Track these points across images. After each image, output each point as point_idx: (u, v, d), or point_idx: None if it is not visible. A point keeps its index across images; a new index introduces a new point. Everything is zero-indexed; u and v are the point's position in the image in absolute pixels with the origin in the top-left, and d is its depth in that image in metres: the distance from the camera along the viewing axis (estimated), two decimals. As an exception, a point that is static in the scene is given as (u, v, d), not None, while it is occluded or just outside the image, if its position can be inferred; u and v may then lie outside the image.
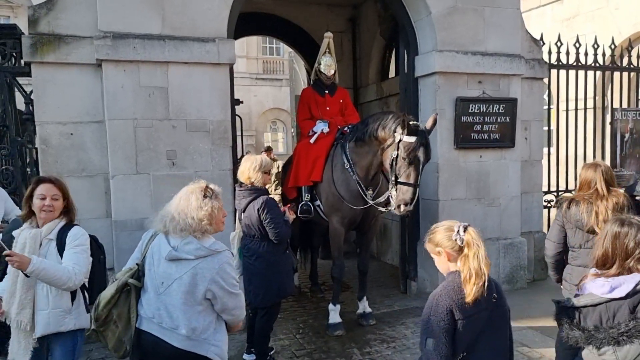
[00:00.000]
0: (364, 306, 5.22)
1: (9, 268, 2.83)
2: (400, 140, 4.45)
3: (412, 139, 4.40)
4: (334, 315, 5.01)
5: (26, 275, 2.72)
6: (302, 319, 5.39)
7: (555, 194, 7.01)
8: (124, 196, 4.70)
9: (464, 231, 2.25)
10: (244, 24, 6.35)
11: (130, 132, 4.72)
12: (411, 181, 4.45)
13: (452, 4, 5.74)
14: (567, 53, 6.83)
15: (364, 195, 4.90)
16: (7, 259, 2.65)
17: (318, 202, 5.29)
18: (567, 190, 7.08)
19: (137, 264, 2.64)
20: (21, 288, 2.82)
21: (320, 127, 5.55)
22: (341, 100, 5.92)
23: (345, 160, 4.96)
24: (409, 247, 6.17)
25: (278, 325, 5.17)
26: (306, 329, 5.09)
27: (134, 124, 4.73)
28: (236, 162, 5.30)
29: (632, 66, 7.38)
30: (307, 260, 6.69)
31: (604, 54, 7.11)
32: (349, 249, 6.31)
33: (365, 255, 5.31)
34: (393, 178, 4.52)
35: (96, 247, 3.14)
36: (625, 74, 7.44)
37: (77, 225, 3.01)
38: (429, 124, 4.58)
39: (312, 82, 6.24)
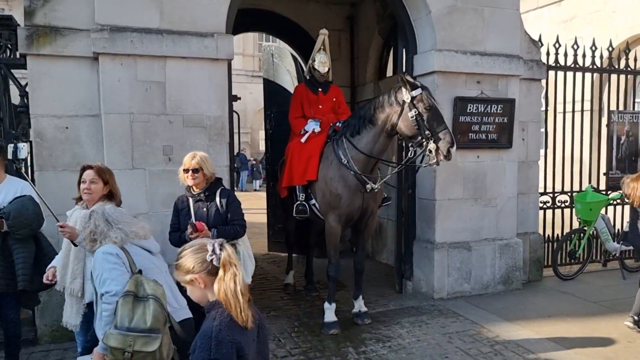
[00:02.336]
0: (359, 305, 5.20)
1: (63, 244, 3.37)
2: (411, 98, 4.55)
3: (419, 89, 4.57)
4: (330, 313, 4.98)
5: (74, 245, 3.18)
6: (297, 317, 5.36)
7: (551, 195, 7.02)
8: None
9: (220, 249, 1.92)
10: (241, 21, 6.30)
11: (126, 126, 4.67)
12: (443, 123, 4.57)
13: (452, 3, 5.72)
14: (565, 55, 6.83)
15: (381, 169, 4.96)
16: (60, 230, 3.11)
17: (313, 201, 5.25)
18: (563, 192, 7.10)
19: (139, 270, 2.80)
20: (73, 261, 3.28)
21: (312, 126, 5.51)
22: (334, 99, 5.86)
23: (342, 156, 4.94)
24: (405, 247, 6.16)
25: (273, 324, 5.15)
26: (301, 328, 5.06)
27: (130, 119, 4.68)
28: (233, 159, 5.28)
29: (629, 69, 7.40)
30: (302, 258, 6.68)
31: (601, 56, 7.12)
32: (344, 248, 6.29)
33: (361, 253, 5.28)
34: (428, 132, 4.53)
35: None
36: (622, 77, 7.45)
37: (120, 208, 3.37)
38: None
39: (305, 79, 6.20)
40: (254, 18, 8.09)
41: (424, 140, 4.56)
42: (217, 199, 3.87)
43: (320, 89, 5.76)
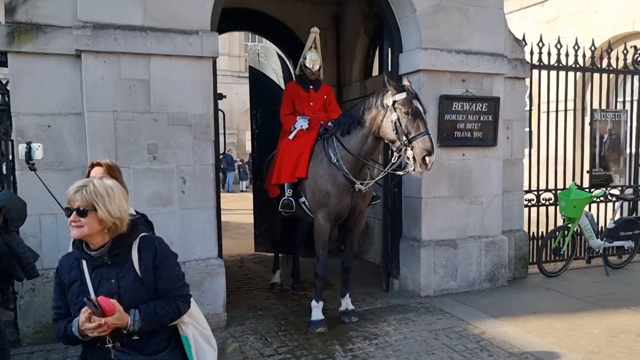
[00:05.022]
0: (346, 303, 5.20)
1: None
2: (393, 102, 4.52)
3: (404, 93, 4.51)
4: (317, 312, 4.97)
5: None
6: (284, 316, 5.34)
7: (536, 193, 7.09)
8: (103, 190, 4.59)
9: None
10: (227, 20, 6.27)
11: (110, 124, 4.61)
12: (423, 130, 4.45)
13: (437, 2, 5.75)
14: (549, 54, 6.90)
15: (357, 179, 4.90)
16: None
17: (303, 199, 5.24)
18: (547, 190, 7.17)
19: None
20: None
21: (300, 123, 5.52)
22: (325, 96, 5.90)
23: (332, 155, 4.93)
24: (391, 245, 6.17)
25: (259, 323, 5.13)
26: (288, 326, 5.04)
27: (114, 117, 4.62)
28: (218, 157, 5.24)
29: (611, 68, 7.50)
30: (288, 258, 6.65)
31: (584, 56, 7.21)
32: (331, 247, 6.28)
33: (349, 252, 5.28)
34: (405, 138, 4.48)
35: (144, 223, 3.39)
36: (604, 76, 7.55)
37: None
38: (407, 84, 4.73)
39: (296, 77, 6.20)
40: (240, 17, 8.06)
41: (402, 146, 4.55)
42: (135, 258, 2.24)
43: (311, 87, 5.77)
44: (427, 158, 4.40)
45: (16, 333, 4.64)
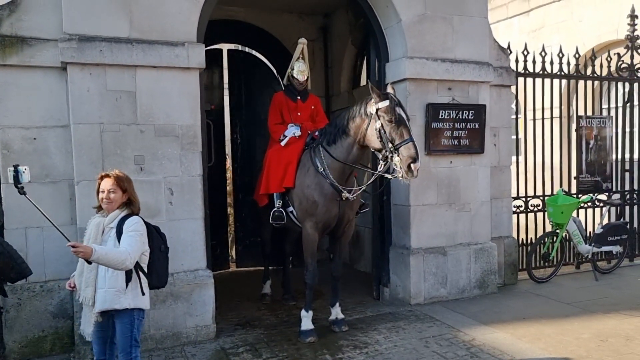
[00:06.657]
0: (336, 312, 5.18)
1: None
2: (377, 110, 4.53)
3: (386, 101, 4.52)
4: (307, 321, 4.95)
5: (89, 262, 3.13)
6: (274, 327, 5.31)
7: (524, 199, 7.13)
8: (90, 202, 4.49)
9: None
10: (215, 32, 6.30)
11: (96, 136, 4.60)
12: (407, 137, 4.45)
13: (422, 12, 5.81)
14: (534, 62, 6.99)
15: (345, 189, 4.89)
16: (72, 250, 2.98)
17: (291, 209, 5.24)
18: (535, 196, 7.21)
19: None
20: (87, 268, 3.30)
21: (292, 130, 5.54)
22: (312, 107, 5.93)
23: (319, 164, 4.95)
24: (381, 253, 6.18)
25: (249, 333, 5.10)
26: (278, 337, 5.01)
27: (100, 129, 4.61)
28: (206, 168, 5.23)
29: (595, 75, 7.60)
30: (279, 268, 6.63)
31: (568, 64, 7.31)
32: (321, 257, 6.27)
33: (338, 260, 5.27)
34: (390, 145, 4.48)
35: (157, 236, 3.49)
36: (589, 83, 7.64)
37: (136, 215, 3.39)
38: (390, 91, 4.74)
39: (284, 88, 6.23)
40: (228, 29, 8.08)
41: (388, 153, 4.56)
42: None
43: (299, 97, 5.80)
44: (412, 165, 4.40)
45: (2, 348, 4.57)
